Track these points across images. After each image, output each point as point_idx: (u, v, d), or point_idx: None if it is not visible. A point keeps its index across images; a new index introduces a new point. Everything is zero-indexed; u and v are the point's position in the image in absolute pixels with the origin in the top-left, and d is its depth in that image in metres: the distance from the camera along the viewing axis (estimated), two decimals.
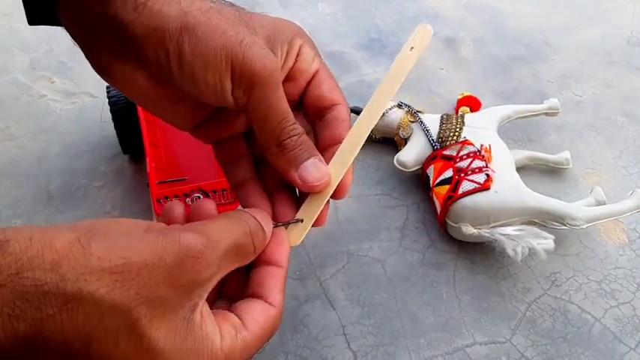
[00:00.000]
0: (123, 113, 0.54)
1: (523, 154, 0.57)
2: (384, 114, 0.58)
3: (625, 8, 0.78)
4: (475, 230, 0.49)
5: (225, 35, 0.31)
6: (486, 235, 0.49)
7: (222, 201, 0.48)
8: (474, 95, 0.63)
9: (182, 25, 0.30)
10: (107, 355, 0.25)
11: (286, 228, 0.33)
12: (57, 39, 0.71)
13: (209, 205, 0.33)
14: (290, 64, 0.34)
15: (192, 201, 0.48)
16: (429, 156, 0.54)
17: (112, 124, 0.55)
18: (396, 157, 0.56)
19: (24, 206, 0.55)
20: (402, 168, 0.55)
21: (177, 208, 0.33)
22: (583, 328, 0.47)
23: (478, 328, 0.47)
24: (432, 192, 0.53)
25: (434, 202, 0.53)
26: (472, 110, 0.61)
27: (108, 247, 0.25)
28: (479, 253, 0.51)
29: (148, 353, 0.26)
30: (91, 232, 0.25)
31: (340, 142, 0.34)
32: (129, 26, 0.30)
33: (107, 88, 0.55)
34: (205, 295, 0.28)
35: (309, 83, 0.36)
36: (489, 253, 0.51)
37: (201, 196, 0.48)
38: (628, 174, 0.58)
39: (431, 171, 0.53)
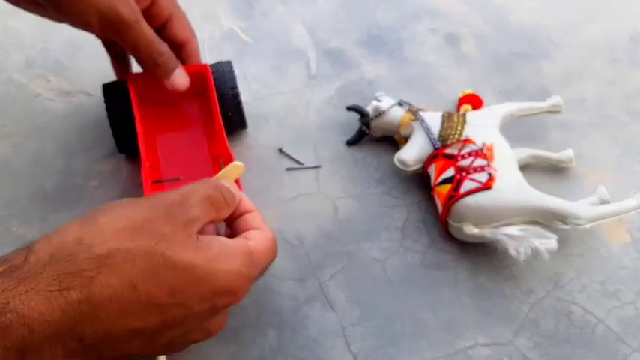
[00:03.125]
0: (119, 112, 0.53)
1: (525, 153, 0.56)
2: (384, 112, 0.58)
3: (628, 4, 0.77)
4: (477, 230, 0.48)
5: None
6: (488, 235, 0.48)
7: None
8: (476, 93, 0.62)
9: None
10: (154, 289, 0.30)
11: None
12: (53, 37, 0.70)
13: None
14: (146, 3, 0.47)
15: None
16: (430, 155, 0.53)
17: (107, 123, 0.54)
18: (396, 155, 0.55)
19: (19, 206, 0.55)
20: (402, 167, 0.54)
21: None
22: (586, 329, 0.46)
23: (480, 330, 0.46)
24: (433, 191, 0.52)
25: (435, 202, 0.52)
26: (474, 108, 0.60)
27: (114, 216, 0.32)
28: (481, 253, 0.51)
29: (187, 272, 0.31)
30: (94, 211, 0.33)
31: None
32: None
33: (103, 86, 0.55)
34: (199, 228, 0.34)
35: (166, 22, 0.49)
36: (491, 253, 0.50)
37: None
38: (632, 172, 0.57)
39: (432, 170, 0.53)
